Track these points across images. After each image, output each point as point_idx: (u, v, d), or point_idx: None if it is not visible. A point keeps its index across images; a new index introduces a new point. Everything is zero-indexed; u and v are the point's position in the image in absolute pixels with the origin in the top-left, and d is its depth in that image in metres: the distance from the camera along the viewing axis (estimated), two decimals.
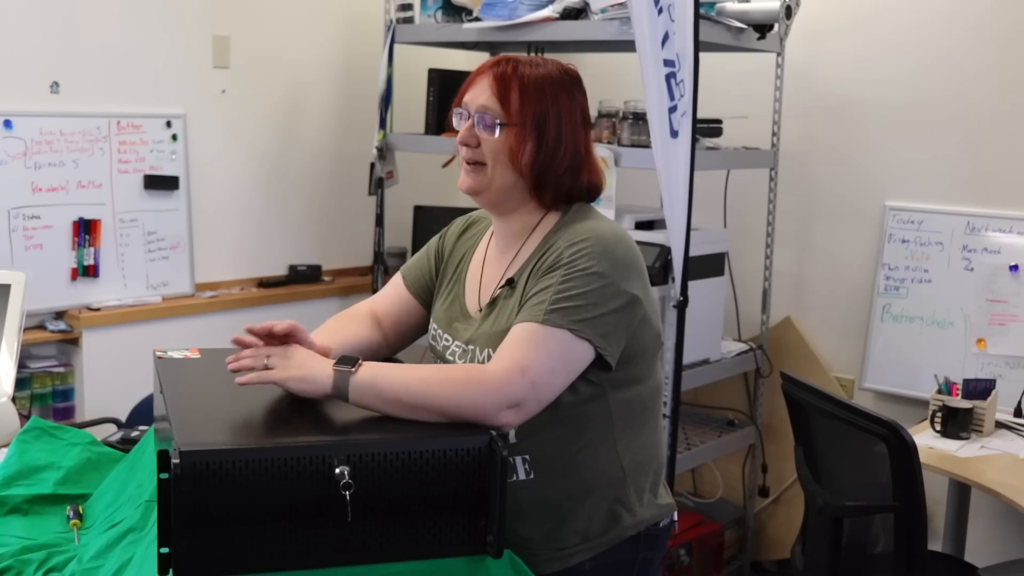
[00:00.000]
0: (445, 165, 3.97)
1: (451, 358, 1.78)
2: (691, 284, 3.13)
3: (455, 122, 1.78)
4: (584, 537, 1.71)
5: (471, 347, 1.74)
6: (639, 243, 1.76)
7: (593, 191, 1.79)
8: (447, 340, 1.80)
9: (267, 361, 1.59)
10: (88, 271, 3.60)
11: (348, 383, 1.54)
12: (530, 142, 1.71)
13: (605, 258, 1.64)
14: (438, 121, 3.92)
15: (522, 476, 1.69)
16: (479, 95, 1.74)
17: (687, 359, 3.22)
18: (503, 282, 1.76)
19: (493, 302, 1.75)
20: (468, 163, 1.76)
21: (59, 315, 3.55)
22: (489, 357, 1.67)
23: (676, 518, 1.85)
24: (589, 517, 1.71)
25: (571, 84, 1.76)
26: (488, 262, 1.83)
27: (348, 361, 1.57)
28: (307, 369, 1.57)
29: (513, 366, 1.56)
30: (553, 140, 1.72)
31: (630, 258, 1.69)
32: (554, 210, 1.77)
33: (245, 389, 1.59)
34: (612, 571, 1.74)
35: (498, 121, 1.71)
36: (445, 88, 3.91)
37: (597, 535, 1.72)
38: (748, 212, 3.81)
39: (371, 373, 1.56)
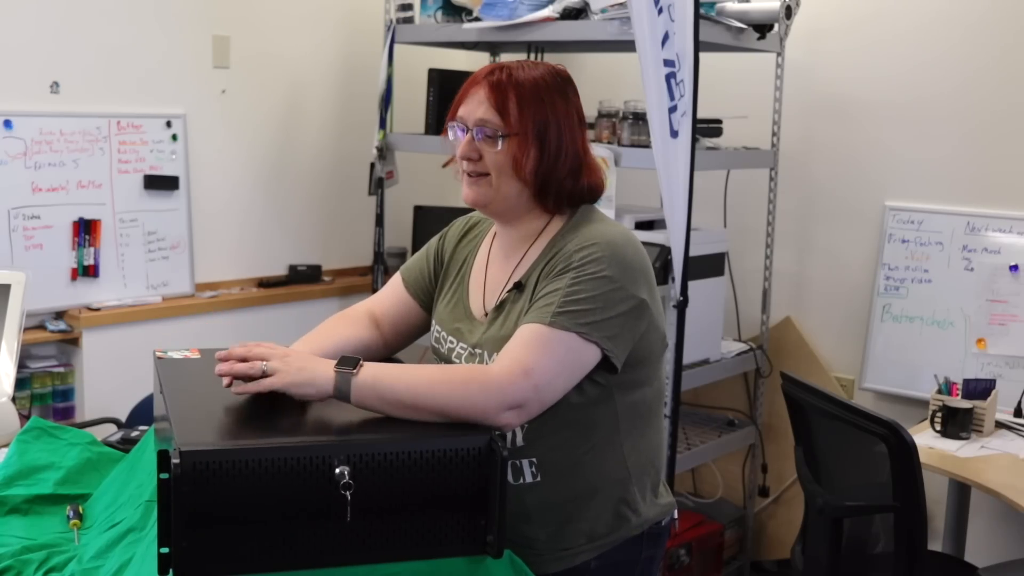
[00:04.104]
0: (445, 165, 3.94)
1: (457, 360, 1.77)
2: (691, 284, 3.13)
3: (451, 135, 1.76)
4: (590, 537, 1.71)
5: (479, 351, 1.73)
6: None
7: (594, 191, 1.79)
8: (452, 343, 1.79)
9: (265, 367, 1.54)
10: (88, 271, 3.60)
11: (350, 385, 1.53)
12: (532, 150, 1.70)
13: (614, 262, 1.64)
14: (438, 121, 3.92)
15: (529, 479, 1.69)
16: (476, 108, 1.71)
17: (687, 359, 3.22)
18: (511, 286, 1.75)
19: (500, 306, 1.75)
20: (470, 175, 1.74)
21: (59, 315, 3.55)
22: None
23: (676, 516, 1.86)
24: (595, 517, 1.71)
25: (564, 86, 1.75)
26: (492, 265, 1.82)
27: (349, 362, 1.55)
28: (308, 372, 1.55)
29: (516, 367, 1.55)
30: (554, 146, 1.71)
31: (639, 262, 1.69)
32: (559, 213, 1.77)
33: None
34: (617, 570, 1.74)
35: (500, 133, 1.69)
36: (445, 88, 3.91)
37: (602, 535, 1.72)
38: (748, 212, 3.81)
39: (373, 374, 1.54)
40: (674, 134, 2.96)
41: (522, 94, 1.70)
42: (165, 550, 1.34)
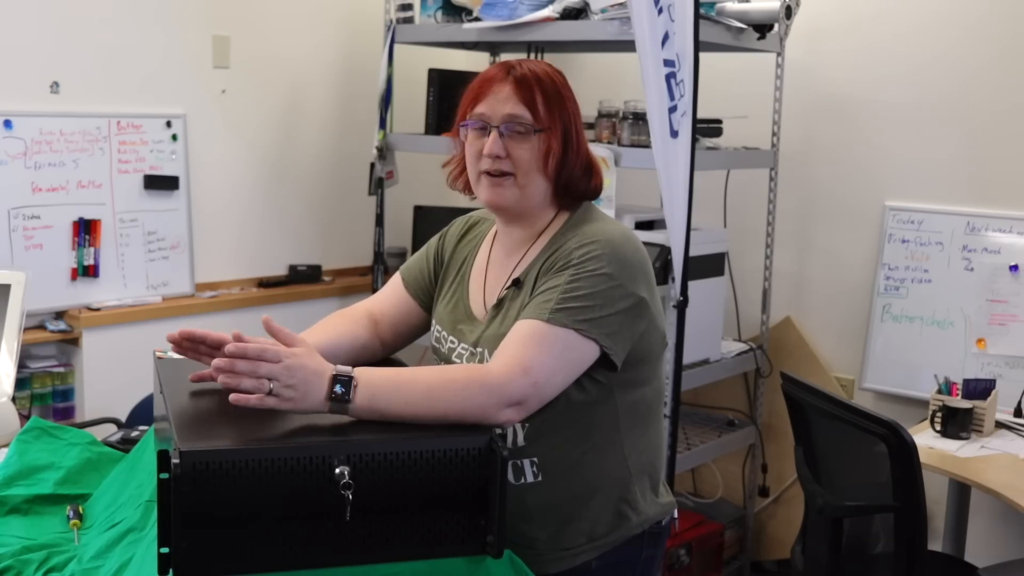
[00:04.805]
0: (445, 165, 3.96)
1: (457, 360, 1.77)
2: (691, 284, 3.14)
3: (461, 133, 1.75)
4: (590, 537, 1.71)
5: (479, 349, 1.73)
6: None
7: (596, 189, 1.80)
8: (452, 342, 1.79)
9: (272, 387, 1.46)
10: (88, 271, 3.60)
11: (347, 412, 1.49)
12: (558, 145, 1.70)
13: (614, 260, 1.64)
14: (438, 121, 3.92)
15: (530, 479, 1.69)
16: (502, 104, 1.70)
17: (687, 359, 3.22)
18: (509, 283, 1.75)
19: (499, 303, 1.75)
20: (493, 175, 1.72)
21: (59, 315, 3.55)
22: None
23: (676, 515, 1.86)
24: (595, 517, 1.71)
25: (567, 83, 1.77)
26: (492, 264, 1.82)
27: (343, 382, 1.48)
28: (306, 403, 1.47)
29: (515, 365, 1.55)
30: (576, 141, 1.73)
31: (639, 260, 1.69)
32: (562, 211, 1.77)
33: None
34: (617, 570, 1.74)
35: (533, 128, 1.69)
36: (445, 88, 3.91)
37: (603, 535, 1.72)
38: (748, 212, 3.81)
39: (369, 395, 1.48)
40: (674, 134, 2.96)
41: (545, 89, 1.71)
42: (165, 550, 1.34)
